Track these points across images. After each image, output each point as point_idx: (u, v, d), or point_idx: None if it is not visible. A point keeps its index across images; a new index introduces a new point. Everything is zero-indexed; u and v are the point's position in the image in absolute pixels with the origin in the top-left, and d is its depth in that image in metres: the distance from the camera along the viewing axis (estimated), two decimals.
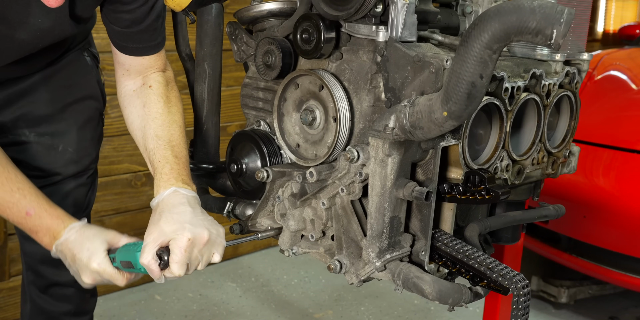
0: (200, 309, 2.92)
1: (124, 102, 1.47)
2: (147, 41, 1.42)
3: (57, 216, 1.29)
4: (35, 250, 1.65)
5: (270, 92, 1.46)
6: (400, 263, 1.26)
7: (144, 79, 1.45)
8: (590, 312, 3.02)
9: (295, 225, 1.36)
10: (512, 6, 0.97)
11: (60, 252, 1.28)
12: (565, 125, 1.50)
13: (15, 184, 1.29)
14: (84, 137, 1.64)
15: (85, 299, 1.76)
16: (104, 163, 2.90)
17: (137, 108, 1.43)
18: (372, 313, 2.94)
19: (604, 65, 3.39)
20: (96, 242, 1.26)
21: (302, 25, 1.29)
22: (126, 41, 1.41)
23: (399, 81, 1.20)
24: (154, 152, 1.38)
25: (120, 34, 1.40)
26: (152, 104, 1.43)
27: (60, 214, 1.30)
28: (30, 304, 1.73)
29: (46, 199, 1.31)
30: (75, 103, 1.61)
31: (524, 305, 1.21)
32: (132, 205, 3.04)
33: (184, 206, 1.28)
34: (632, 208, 2.54)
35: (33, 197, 1.29)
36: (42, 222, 1.28)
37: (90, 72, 1.64)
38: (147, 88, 1.44)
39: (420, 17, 1.23)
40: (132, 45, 1.42)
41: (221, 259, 1.27)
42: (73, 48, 1.60)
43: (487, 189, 1.22)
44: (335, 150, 1.28)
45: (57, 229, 1.28)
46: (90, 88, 1.64)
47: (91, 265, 1.24)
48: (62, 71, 1.57)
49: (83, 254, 1.25)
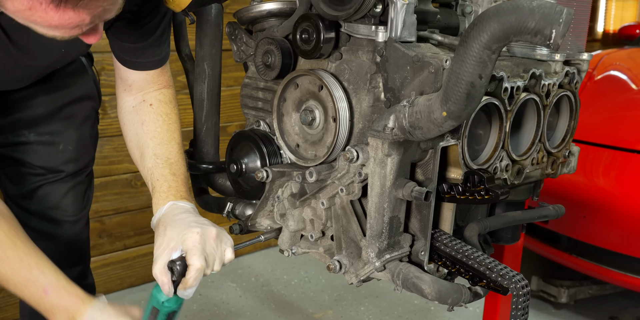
0: (200, 309, 2.92)
1: (123, 118, 1.46)
2: (151, 56, 1.41)
3: (75, 295, 1.24)
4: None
5: (269, 92, 1.46)
6: (400, 263, 1.26)
7: (145, 95, 1.44)
8: (590, 312, 3.02)
9: (295, 225, 1.36)
10: (511, 6, 0.97)
11: None
12: (565, 125, 1.50)
13: (34, 259, 1.23)
14: (82, 136, 1.64)
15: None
16: (104, 163, 2.90)
17: (135, 125, 1.43)
18: (372, 313, 2.94)
19: (604, 65, 3.39)
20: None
21: (302, 26, 1.29)
22: (130, 55, 1.40)
23: (399, 81, 1.20)
24: (152, 171, 1.37)
25: (126, 49, 1.39)
26: (151, 122, 1.42)
27: (79, 293, 1.25)
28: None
29: (65, 276, 1.26)
30: (72, 103, 1.61)
31: (524, 305, 1.21)
32: (132, 205, 3.04)
33: (184, 214, 1.28)
34: (632, 208, 2.54)
35: (52, 275, 1.24)
36: (60, 301, 1.23)
37: (87, 72, 1.64)
38: (148, 106, 1.43)
39: (419, 17, 1.23)
40: (137, 60, 1.41)
41: (234, 256, 1.26)
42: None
43: (487, 189, 1.22)
44: (334, 150, 1.28)
45: (76, 309, 1.23)
46: (87, 88, 1.64)
47: None
48: (59, 73, 1.57)
49: None
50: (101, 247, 2.97)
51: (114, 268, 3.07)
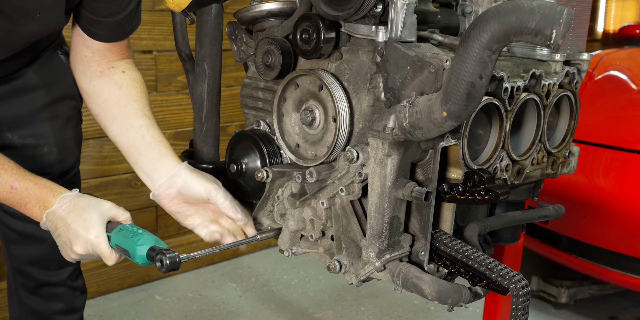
0: (200, 309, 2.92)
1: (92, 81, 1.43)
2: (120, 30, 1.38)
3: (45, 186, 1.25)
4: (22, 252, 1.64)
5: (270, 92, 1.46)
6: (400, 263, 1.26)
7: (110, 63, 1.42)
8: (590, 312, 3.02)
9: (295, 225, 1.36)
10: (512, 6, 0.97)
11: (51, 221, 1.23)
12: (565, 125, 1.50)
13: None
14: (66, 137, 1.62)
15: (76, 297, 1.75)
16: (104, 163, 2.91)
17: (111, 88, 1.41)
18: (372, 313, 2.94)
19: (604, 65, 3.39)
20: (93, 213, 1.22)
21: (302, 26, 1.29)
22: (99, 28, 1.37)
23: (399, 81, 1.20)
24: (149, 128, 1.38)
25: (95, 22, 1.36)
26: (129, 87, 1.42)
27: (48, 184, 1.26)
28: (20, 306, 1.70)
29: (29, 172, 1.26)
30: (54, 103, 1.59)
31: (524, 305, 1.21)
32: (132, 205, 3.04)
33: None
34: (632, 208, 2.54)
35: (15, 171, 1.24)
36: (30, 193, 1.23)
37: (66, 70, 1.61)
38: (120, 72, 1.42)
39: (419, 17, 1.23)
40: (104, 33, 1.38)
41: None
42: (47, 46, 1.58)
43: (487, 189, 1.22)
44: (334, 150, 1.28)
45: (48, 198, 1.23)
46: (68, 87, 1.62)
47: (88, 236, 1.20)
48: (39, 71, 1.55)
49: (78, 223, 1.21)
50: None
51: (114, 268, 3.07)
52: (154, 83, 3.00)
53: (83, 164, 2.84)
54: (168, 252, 1.19)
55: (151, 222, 3.15)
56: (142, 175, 1.38)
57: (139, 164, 1.37)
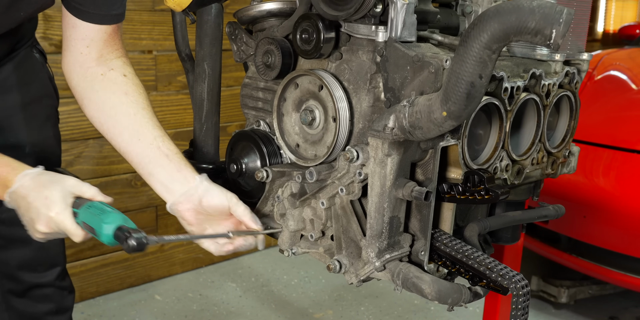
0: (200, 309, 2.92)
1: (94, 85, 1.40)
2: (108, 7, 1.35)
3: (6, 164, 1.21)
4: (10, 257, 1.62)
5: (269, 92, 1.46)
6: (400, 263, 1.26)
7: (108, 63, 1.40)
8: (590, 312, 3.02)
9: (295, 225, 1.36)
10: (512, 6, 0.97)
11: (14, 200, 1.20)
12: (565, 125, 1.50)
13: None
14: (47, 136, 1.61)
15: (64, 296, 1.74)
16: (104, 163, 2.91)
17: (116, 94, 1.38)
18: (372, 313, 2.94)
19: (604, 65, 3.39)
20: (55, 190, 1.18)
21: (302, 25, 1.29)
22: (87, 5, 1.33)
23: (399, 81, 1.20)
24: (162, 140, 1.35)
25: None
26: (135, 93, 1.39)
27: (9, 161, 1.22)
28: (9, 312, 1.68)
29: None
30: (32, 103, 1.57)
31: (524, 305, 1.21)
32: (132, 205, 3.04)
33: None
34: (632, 208, 2.54)
35: None
36: None
37: (42, 69, 1.60)
38: (122, 76, 1.40)
39: (419, 17, 1.23)
40: (94, 11, 1.34)
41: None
42: (23, 45, 1.56)
43: (487, 189, 1.22)
44: (334, 150, 1.28)
45: (8, 177, 1.20)
46: (45, 86, 1.60)
47: (49, 213, 1.17)
48: (16, 70, 1.53)
49: (40, 201, 1.17)
50: (101, 247, 2.97)
51: (114, 268, 3.07)
52: (154, 83, 3.00)
53: (83, 164, 2.85)
54: (135, 232, 1.14)
55: (151, 222, 3.15)
56: (158, 186, 1.36)
57: (155, 176, 1.35)
